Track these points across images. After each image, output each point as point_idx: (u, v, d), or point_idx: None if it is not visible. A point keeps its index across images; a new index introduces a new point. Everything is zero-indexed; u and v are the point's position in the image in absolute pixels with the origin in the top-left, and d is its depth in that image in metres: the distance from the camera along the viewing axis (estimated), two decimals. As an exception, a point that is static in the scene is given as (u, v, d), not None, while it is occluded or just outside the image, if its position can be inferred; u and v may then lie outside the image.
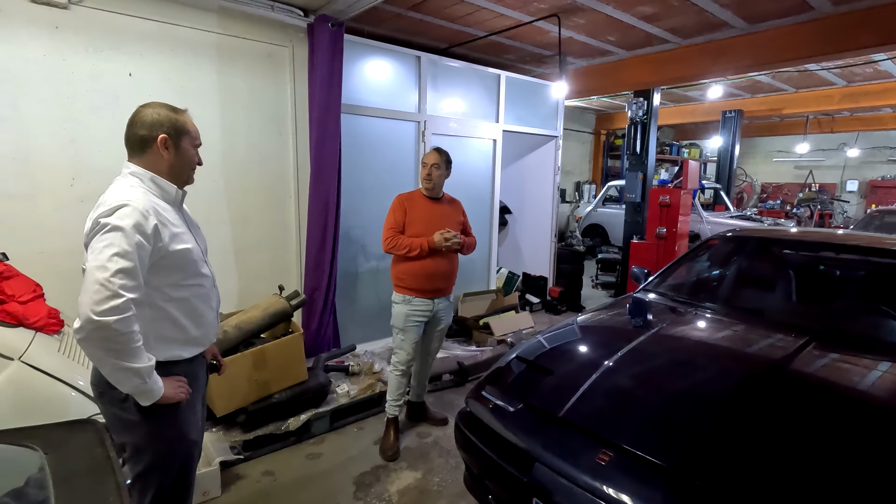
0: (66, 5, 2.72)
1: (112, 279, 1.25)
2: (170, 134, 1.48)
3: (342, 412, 3.13)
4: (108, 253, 1.27)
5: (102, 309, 1.23)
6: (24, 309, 2.00)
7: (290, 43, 3.56)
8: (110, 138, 2.93)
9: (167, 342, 1.49)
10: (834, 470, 1.43)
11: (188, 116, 1.56)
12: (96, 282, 1.25)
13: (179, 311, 1.49)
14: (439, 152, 2.80)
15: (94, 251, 1.29)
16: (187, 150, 1.54)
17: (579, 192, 11.13)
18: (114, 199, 1.36)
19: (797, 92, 7.74)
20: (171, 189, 1.52)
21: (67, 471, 1.04)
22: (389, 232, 2.73)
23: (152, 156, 1.48)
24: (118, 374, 1.31)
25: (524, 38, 4.81)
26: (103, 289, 1.24)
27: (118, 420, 1.45)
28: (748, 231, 3.41)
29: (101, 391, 1.45)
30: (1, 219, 2.62)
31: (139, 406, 1.39)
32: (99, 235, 1.30)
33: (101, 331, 1.24)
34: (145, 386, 1.34)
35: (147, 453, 1.47)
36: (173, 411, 1.47)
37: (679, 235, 5.42)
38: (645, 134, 5.91)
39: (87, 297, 1.24)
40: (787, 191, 12.62)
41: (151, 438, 1.46)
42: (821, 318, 2.48)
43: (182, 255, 1.47)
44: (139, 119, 1.48)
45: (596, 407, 1.83)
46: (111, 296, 1.24)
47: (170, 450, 1.50)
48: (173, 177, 1.53)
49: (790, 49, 4.38)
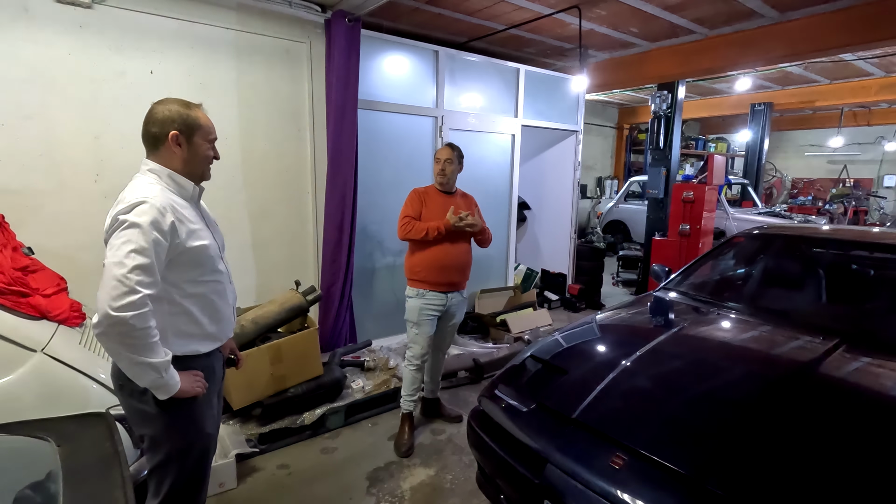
0: (90, 4, 2.77)
1: (129, 275, 1.27)
2: (181, 130, 1.48)
3: (357, 407, 3.14)
4: (126, 249, 1.29)
5: (119, 305, 1.25)
6: (47, 302, 2.05)
7: (307, 39, 3.57)
8: (132, 135, 2.96)
9: (184, 337, 1.51)
10: (865, 482, 1.35)
11: (201, 111, 1.56)
12: (114, 278, 1.27)
13: (196, 306, 1.51)
14: (451, 147, 2.83)
15: (113, 247, 1.31)
16: (200, 144, 1.53)
17: (601, 188, 10.95)
18: (132, 197, 1.38)
19: (831, 83, 7.43)
20: (188, 185, 1.54)
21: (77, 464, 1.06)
22: (405, 219, 2.74)
23: (166, 152, 1.49)
24: (135, 369, 1.34)
25: (544, 30, 4.72)
26: (121, 285, 1.26)
27: (137, 412, 1.48)
28: (776, 228, 3.29)
29: (121, 384, 1.47)
30: (28, 213, 2.70)
31: (157, 399, 1.41)
32: (117, 232, 1.33)
33: (118, 326, 1.26)
34: (162, 380, 1.37)
35: (164, 445, 1.49)
36: (190, 405, 1.49)
37: (703, 232, 5.27)
38: (669, 128, 5.75)
39: (105, 292, 1.26)
40: (820, 186, 12.15)
41: (168, 431, 1.48)
42: (852, 319, 2.38)
43: (199, 251, 1.48)
44: (152, 116, 1.50)
45: (611, 409, 1.78)
46: (128, 292, 1.26)
47: (186, 442, 1.52)
48: (188, 172, 1.54)
49: (824, 38, 4.19)
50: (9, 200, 2.60)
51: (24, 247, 2.31)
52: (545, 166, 6.10)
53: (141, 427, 1.50)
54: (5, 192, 2.65)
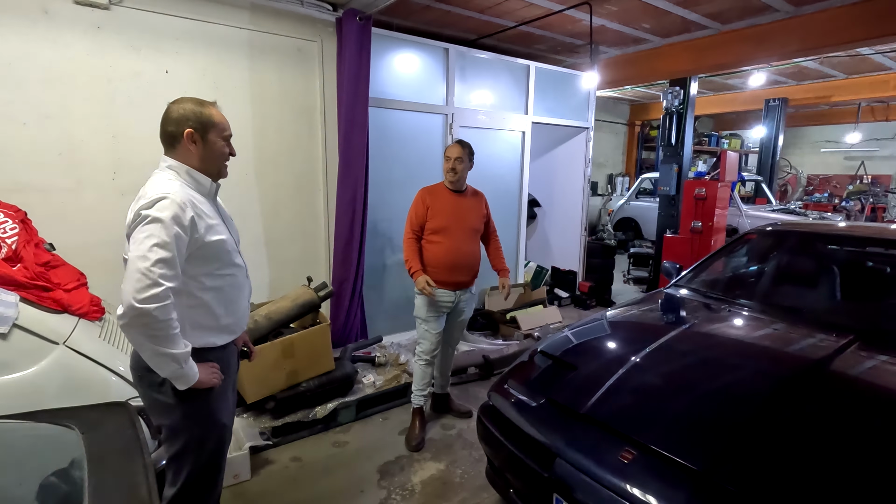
0: (107, 6, 2.83)
1: (152, 269, 1.31)
2: (195, 128, 1.52)
3: (368, 402, 3.17)
4: (149, 244, 1.33)
5: (143, 297, 1.29)
6: (68, 296, 2.10)
7: (319, 37, 3.61)
8: (148, 134, 3.02)
9: (201, 329, 1.54)
10: (875, 479, 1.35)
11: (215, 109, 1.59)
12: (138, 271, 1.31)
13: (214, 299, 1.54)
14: (462, 145, 2.80)
15: (136, 241, 1.35)
16: (215, 142, 1.56)
17: (612, 185, 10.88)
18: (154, 192, 1.41)
19: (848, 78, 7.30)
20: (205, 182, 1.58)
21: (101, 450, 1.10)
22: (408, 232, 2.82)
23: (183, 150, 1.53)
24: (157, 359, 1.38)
25: (555, 27, 4.71)
26: (144, 278, 1.30)
27: (155, 403, 1.52)
28: (788, 225, 3.26)
29: (140, 375, 1.51)
30: (49, 210, 2.77)
31: (175, 390, 1.46)
32: (140, 227, 1.36)
33: (142, 317, 1.30)
34: (181, 371, 1.41)
35: (182, 435, 1.53)
36: (206, 396, 1.53)
37: (715, 229, 5.23)
38: (681, 124, 5.71)
39: (130, 285, 1.30)
40: (836, 183, 11.95)
41: (186, 421, 1.52)
42: (866, 316, 2.35)
43: (217, 245, 1.52)
44: (168, 115, 1.53)
45: (620, 404, 1.79)
46: (151, 284, 1.30)
47: (203, 432, 1.56)
48: (205, 169, 1.57)
49: (840, 32, 4.13)
50: (31, 198, 2.67)
51: (45, 243, 2.37)
52: (555, 163, 6.09)
53: (160, 417, 1.54)
54: (28, 189, 2.72)
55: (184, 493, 1.57)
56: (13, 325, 1.77)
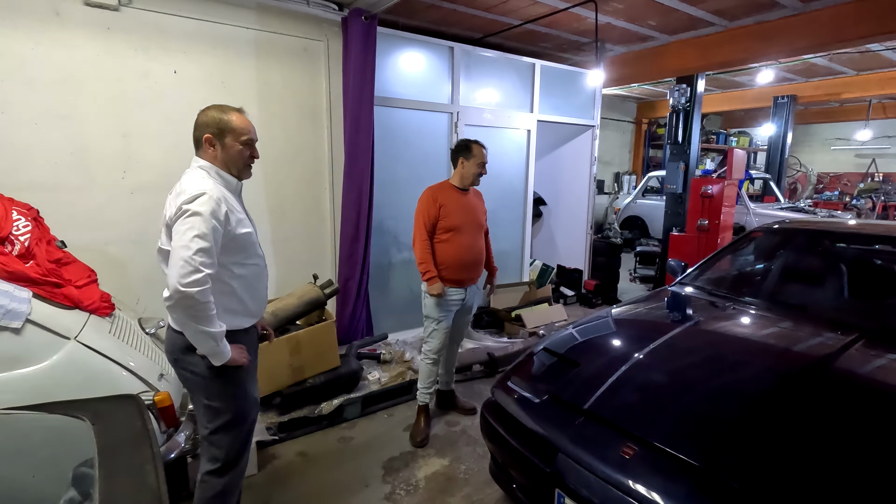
0: (117, 7, 2.87)
1: (194, 257, 1.48)
2: (213, 133, 1.68)
3: (373, 398, 3.20)
4: (191, 234, 1.49)
5: (187, 281, 1.46)
6: (79, 293, 2.15)
7: (324, 37, 3.63)
8: (157, 133, 3.10)
9: (231, 313, 1.70)
10: (879, 476, 1.35)
11: (237, 114, 1.72)
12: (181, 259, 1.47)
13: (241, 286, 1.70)
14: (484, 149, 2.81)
15: (178, 233, 1.51)
16: (231, 146, 1.70)
17: (618, 183, 10.83)
18: (193, 188, 1.57)
19: (858, 74, 7.22)
20: (231, 180, 1.74)
21: (111, 441, 1.13)
22: (421, 233, 2.76)
23: (205, 152, 1.71)
24: (198, 337, 1.55)
25: (560, 25, 4.71)
26: (187, 265, 1.47)
27: (192, 382, 1.69)
28: (795, 223, 3.24)
29: (176, 358, 1.68)
30: (61, 209, 2.82)
31: (212, 370, 1.63)
32: (182, 219, 1.52)
33: (185, 300, 1.47)
34: (218, 348, 1.58)
35: (226, 410, 1.71)
36: (239, 374, 1.71)
37: (722, 228, 5.20)
38: (687, 122, 5.68)
39: (174, 271, 1.47)
40: (847, 181, 11.81)
41: (222, 396, 1.69)
42: (872, 314, 2.34)
43: (245, 237, 1.69)
44: (195, 122, 1.72)
45: (623, 401, 1.80)
46: (193, 271, 1.47)
47: (236, 405, 1.73)
48: (226, 169, 1.73)
49: (850, 28, 4.08)
50: (43, 196, 2.71)
51: (57, 240, 2.41)
52: (561, 162, 6.08)
53: (197, 395, 1.70)
54: (40, 188, 2.78)
55: (225, 465, 1.74)
56: (26, 321, 1.81)
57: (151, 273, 3.20)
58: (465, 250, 2.78)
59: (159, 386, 2.07)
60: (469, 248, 2.80)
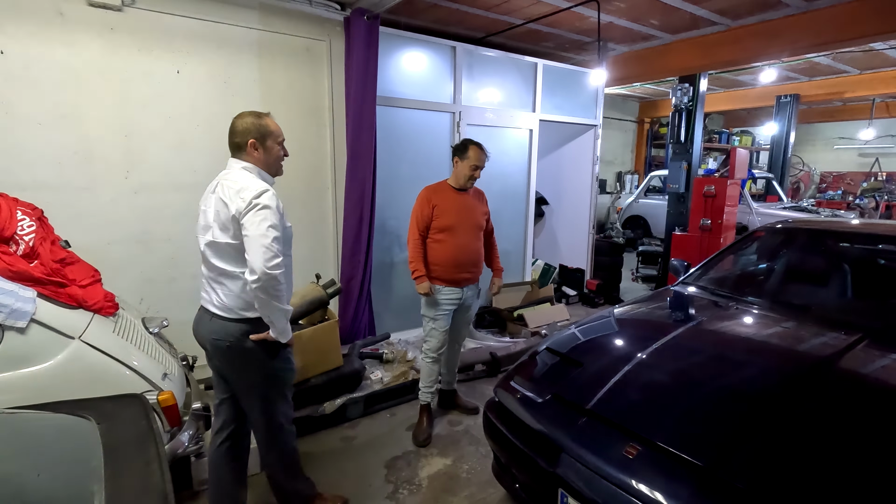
0: (120, 7, 2.88)
1: (272, 244, 1.68)
2: (256, 138, 1.85)
3: (375, 398, 3.21)
4: (265, 225, 1.69)
5: (271, 265, 1.66)
6: (83, 292, 2.15)
7: (327, 37, 3.64)
8: (160, 133, 3.11)
9: None
10: (883, 476, 1.34)
11: (270, 119, 1.91)
12: (262, 246, 1.66)
13: (284, 274, 1.81)
14: (485, 152, 2.80)
15: (253, 224, 1.68)
16: (272, 147, 1.90)
17: (620, 183, 10.82)
18: (254, 185, 1.75)
19: (861, 74, 7.19)
20: (271, 179, 1.92)
21: (116, 440, 1.13)
22: (414, 233, 2.83)
23: (248, 156, 1.87)
24: (278, 314, 1.76)
25: (562, 24, 4.70)
26: (268, 251, 1.66)
27: (245, 364, 1.87)
28: (798, 222, 3.23)
29: (229, 344, 1.83)
30: (64, 209, 2.83)
31: (267, 350, 1.84)
32: (254, 212, 1.70)
33: (270, 281, 1.67)
34: (286, 326, 1.82)
35: (278, 381, 1.95)
36: (286, 350, 1.93)
37: (725, 227, 5.19)
38: (690, 121, 5.67)
39: (258, 257, 1.66)
40: (850, 180, 11.78)
41: (274, 372, 1.91)
42: (876, 314, 2.33)
43: (290, 231, 1.90)
44: (234, 128, 1.86)
45: (626, 400, 1.80)
46: (274, 255, 1.67)
47: (287, 376, 1.99)
48: (266, 170, 1.91)
49: (853, 27, 4.07)
50: (47, 196, 2.72)
51: (61, 240, 2.42)
52: (563, 161, 6.08)
53: (249, 373, 1.88)
54: (44, 188, 2.79)
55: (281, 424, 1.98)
56: (31, 320, 1.82)
57: (155, 272, 3.23)
58: (459, 250, 2.78)
59: (163, 385, 2.07)
60: (463, 249, 2.79)
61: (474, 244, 2.84)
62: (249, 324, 1.83)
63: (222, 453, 2.05)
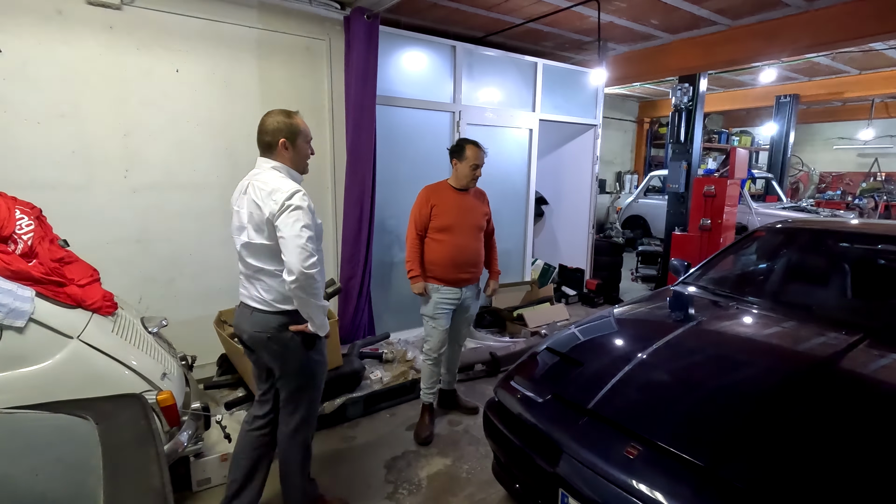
0: (119, 6, 2.87)
1: (307, 244, 1.73)
2: (287, 137, 1.88)
3: (375, 398, 3.20)
4: (299, 225, 1.73)
5: (308, 264, 1.72)
6: (82, 292, 2.14)
7: (326, 36, 3.63)
8: (159, 132, 3.10)
9: None
10: (884, 476, 1.34)
11: (299, 118, 1.94)
12: (298, 246, 1.71)
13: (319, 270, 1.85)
14: (483, 151, 2.80)
15: (287, 225, 1.73)
16: (302, 146, 1.93)
17: (620, 183, 10.82)
18: (285, 186, 1.78)
19: (861, 74, 7.19)
20: (299, 178, 1.94)
21: (115, 440, 1.13)
22: (412, 232, 2.84)
23: (278, 155, 1.89)
24: (316, 310, 1.83)
25: (562, 24, 4.70)
26: (303, 250, 1.71)
27: (285, 353, 1.92)
28: (798, 222, 3.23)
29: (269, 336, 1.89)
30: (63, 208, 2.81)
31: (303, 343, 1.91)
32: (287, 213, 1.74)
33: (308, 279, 1.73)
34: (325, 320, 1.89)
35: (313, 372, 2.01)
36: (321, 344, 2.01)
37: (725, 227, 5.19)
38: (690, 121, 5.67)
39: (295, 257, 1.71)
40: (849, 180, 11.78)
41: (309, 363, 1.97)
42: (876, 314, 2.33)
43: (320, 227, 1.92)
44: (264, 127, 1.88)
45: (627, 400, 1.79)
46: (310, 255, 1.73)
47: (319, 370, 2.04)
48: (295, 168, 1.94)
49: (853, 27, 4.07)
50: (45, 195, 2.71)
51: (59, 239, 2.41)
52: (563, 161, 6.07)
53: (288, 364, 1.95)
54: (42, 187, 2.78)
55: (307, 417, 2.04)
56: (29, 320, 1.81)
57: (154, 272, 3.22)
58: (457, 250, 2.77)
59: (162, 385, 2.06)
60: (462, 249, 2.78)
61: (473, 245, 2.83)
62: (287, 316, 1.90)
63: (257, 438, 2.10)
